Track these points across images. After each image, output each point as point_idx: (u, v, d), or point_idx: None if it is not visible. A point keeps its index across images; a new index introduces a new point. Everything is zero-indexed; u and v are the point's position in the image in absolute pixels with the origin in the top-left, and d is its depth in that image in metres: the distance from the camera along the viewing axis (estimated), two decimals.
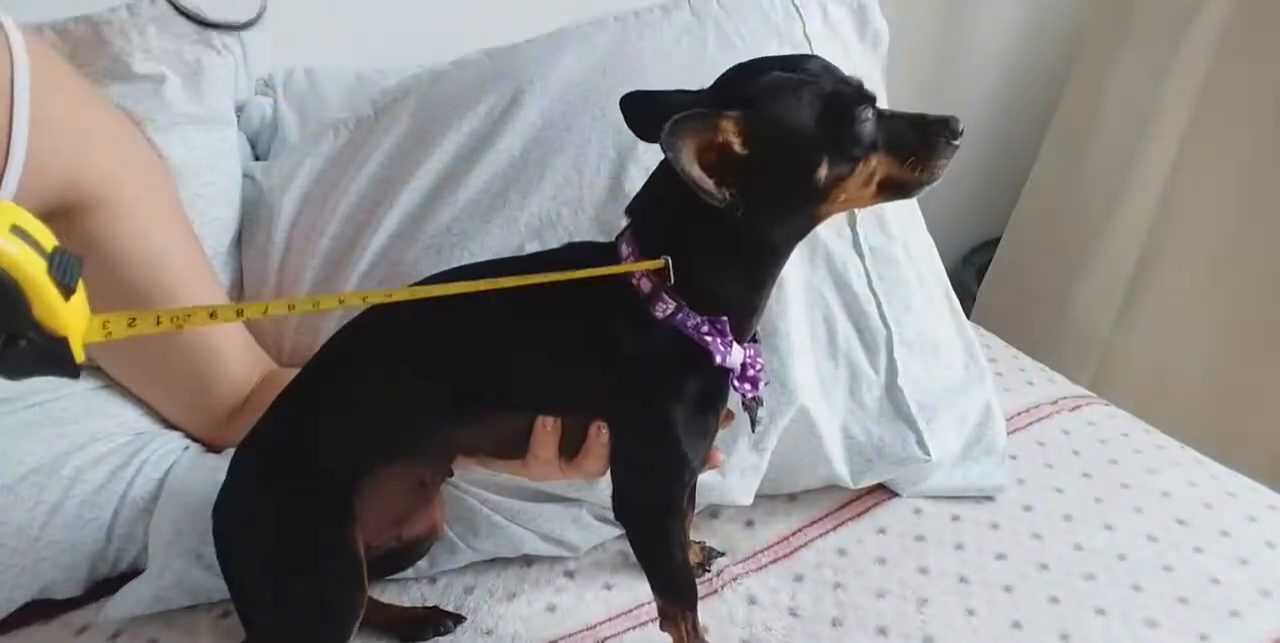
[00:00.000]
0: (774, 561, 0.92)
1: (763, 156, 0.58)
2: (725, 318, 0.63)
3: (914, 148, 0.61)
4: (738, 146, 0.57)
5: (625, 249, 0.63)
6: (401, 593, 0.86)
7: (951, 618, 0.85)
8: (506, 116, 0.90)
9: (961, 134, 0.62)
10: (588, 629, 0.83)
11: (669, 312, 0.62)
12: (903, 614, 0.86)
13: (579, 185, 0.87)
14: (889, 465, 0.96)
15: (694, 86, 0.92)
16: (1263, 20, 1.36)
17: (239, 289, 0.98)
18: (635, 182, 0.87)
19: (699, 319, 0.62)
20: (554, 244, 0.85)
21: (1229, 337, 1.48)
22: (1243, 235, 1.44)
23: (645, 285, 0.62)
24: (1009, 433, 1.07)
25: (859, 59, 1.06)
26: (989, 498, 1.01)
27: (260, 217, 0.96)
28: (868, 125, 0.60)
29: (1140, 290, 1.57)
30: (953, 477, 1.00)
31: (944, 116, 0.62)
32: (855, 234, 0.96)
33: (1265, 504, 1.03)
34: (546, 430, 0.68)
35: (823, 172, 0.59)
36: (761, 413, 0.69)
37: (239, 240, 0.97)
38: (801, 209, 0.62)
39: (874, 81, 1.06)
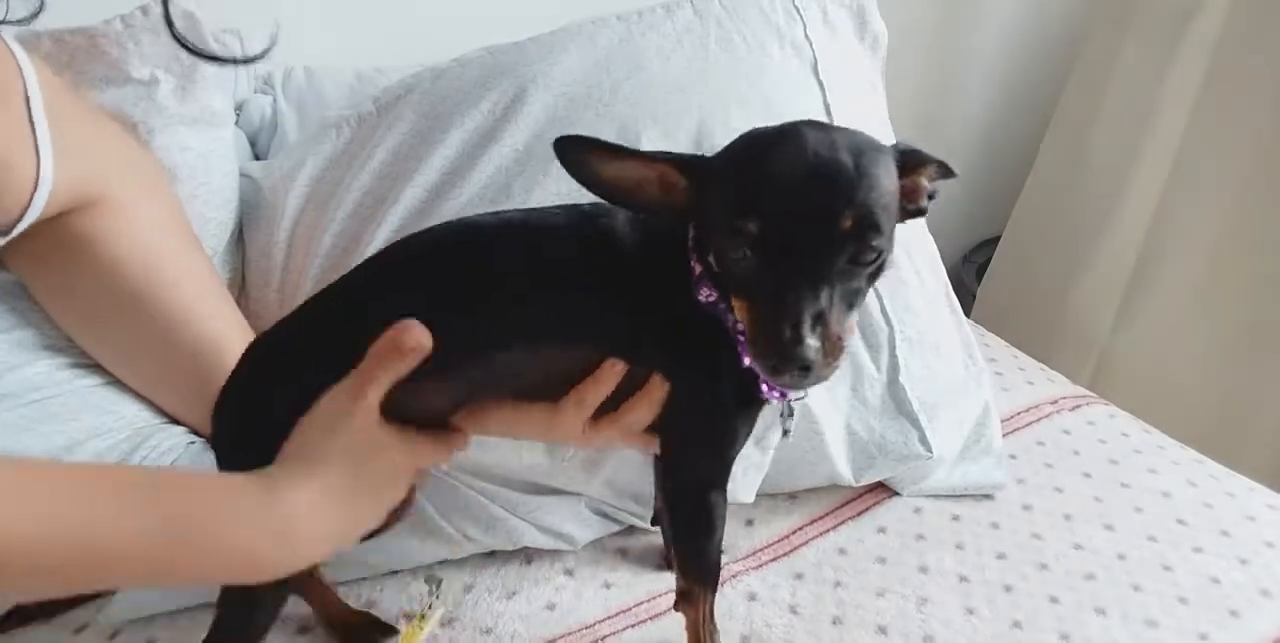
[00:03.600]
0: (774, 558, 0.92)
1: (697, 206, 0.58)
2: None
3: (757, 333, 0.53)
4: (680, 183, 0.58)
5: (689, 230, 0.63)
6: (401, 590, 0.86)
7: (951, 617, 0.85)
8: (510, 113, 0.90)
9: (805, 367, 0.50)
10: (587, 628, 0.83)
11: (712, 299, 0.61)
12: (903, 613, 0.85)
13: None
14: (891, 462, 0.96)
15: (695, 84, 0.93)
16: (1262, 20, 1.36)
17: (240, 288, 0.97)
18: None
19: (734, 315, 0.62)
20: None
21: (1229, 337, 1.48)
22: (1243, 235, 1.44)
23: (697, 270, 0.61)
24: (1009, 432, 1.08)
25: (859, 60, 1.06)
26: (989, 497, 1.01)
27: (262, 216, 0.95)
28: (738, 267, 0.54)
29: (1140, 290, 1.57)
30: (952, 475, 1.00)
31: (790, 341, 0.50)
32: None
33: (1265, 504, 1.03)
34: (615, 369, 0.65)
35: (711, 259, 0.58)
36: (790, 423, 0.69)
37: (238, 240, 0.97)
38: (712, 275, 0.59)
39: (873, 83, 1.07)
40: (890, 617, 0.85)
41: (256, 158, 1.06)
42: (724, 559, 0.90)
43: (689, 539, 0.72)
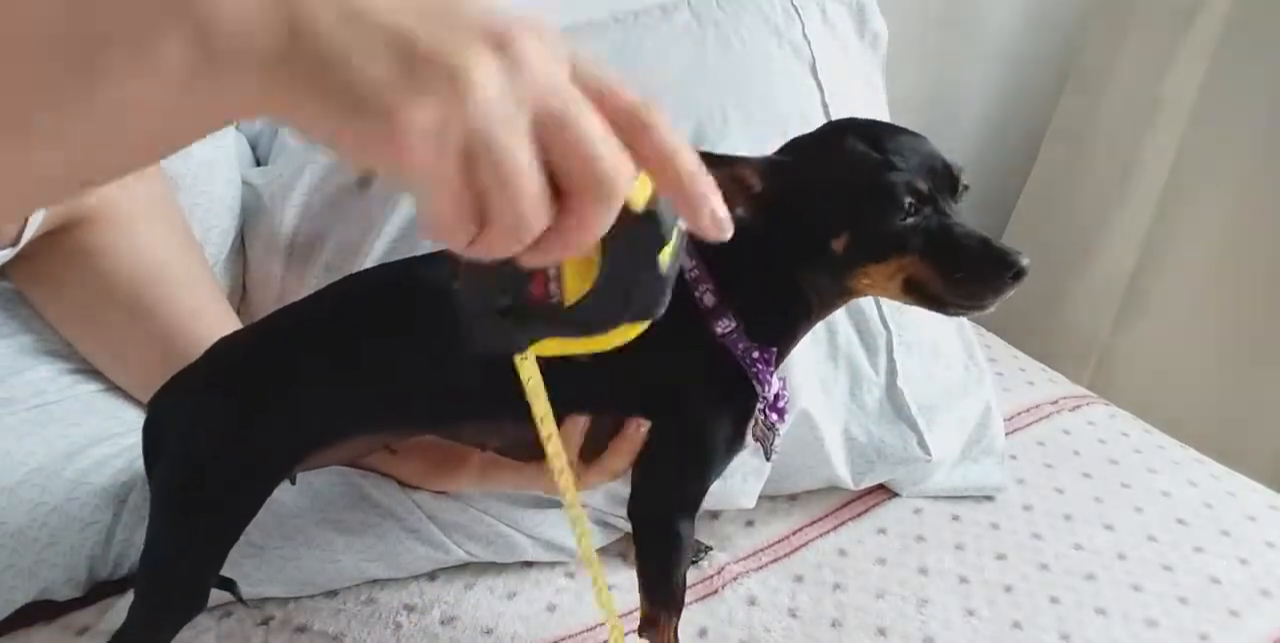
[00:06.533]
0: (774, 560, 0.92)
1: (786, 205, 0.58)
2: (774, 349, 0.63)
3: (961, 269, 0.57)
4: (756, 186, 0.58)
5: (688, 260, 0.62)
6: (400, 588, 0.86)
7: (951, 618, 0.85)
8: None
9: (1023, 278, 0.56)
10: (588, 631, 0.83)
11: (728, 330, 0.61)
12: (902, 615, 0.86)
13: None
14: (890, 466, 0.96)
15: (693, 86, 0.93)
16: (1263, 20, 1.36)
17: (240, 295, 0.98)
18: None
19: (751, 344, 0.62)
20: None
21: (1229, 337, 1.48)
22: (1243, 235, 1.44)
23: (709, 300, 0.61)
24: (1009, 433, 1.08)
25: (858, 59, 1.06)
26: (989, 498, 1.01)
27: (262, 223, 0.95)
28: (907, 223, 0.57)
29: (1140, 290, 1.57)
30: (952, 477, 1.01)
31: (1008, 251, 0.56)
32: None
33: (1265, 504, 1.03)
34: (577, 428, 0.66)
35: (839, 245, 0.58)
36: (776, 443, 0.69)
37: (240, 247, 0.97)
38: (823, 272, 0.60)
39: (873, 82, 1.07)
40: (890, 619, 0.85)
41: (258, 162, 1.06)
42: (725, 559, 0.91)
43: (656, 566, 0.71)
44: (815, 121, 0.95)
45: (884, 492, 1.01)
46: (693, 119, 0.91)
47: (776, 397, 0.65)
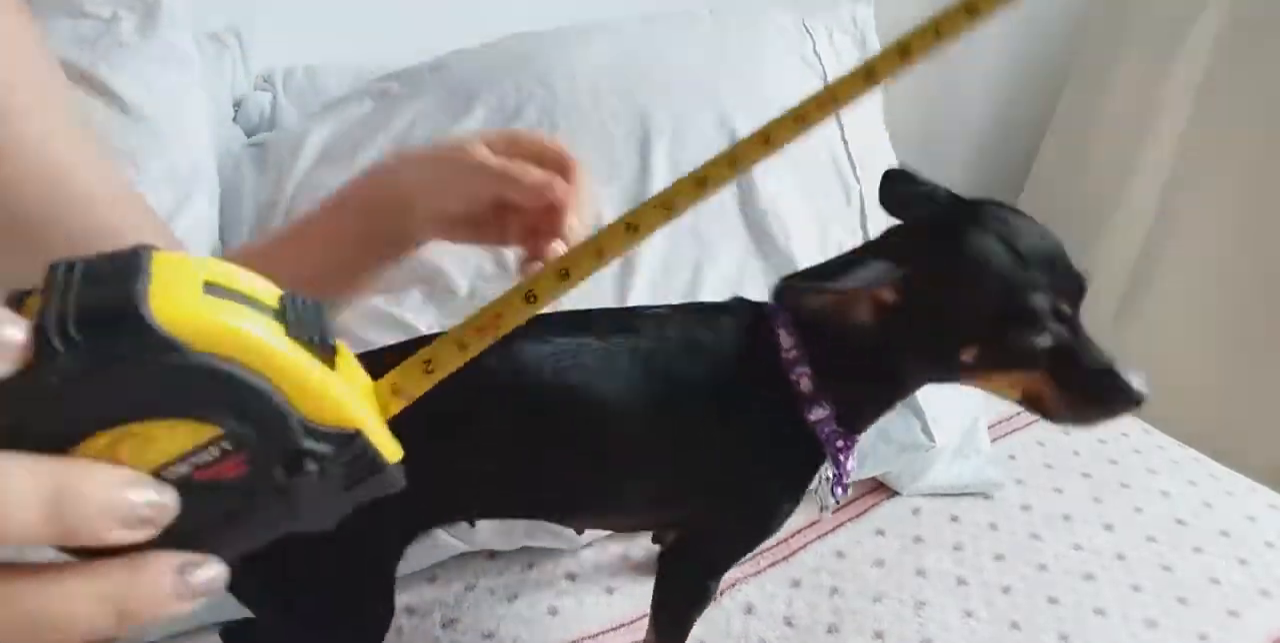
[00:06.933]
0: (773, 564, 0.91)
1: (917, 312, 0.56)
2: (856, 438, 0.62)
3: (1081, 393, 0.56)
4: (890, 299, 0.56)
5: (785, 339, 0.60)
6: (400, 590, 0.85)
7: (949, 620, 0.85)
8: (535, 94, 0.92)
9: (1138, 407, 0.55)
10: (590, 639, 0.83)
11: (823, 417, 0.60)
12: (900, 618, 0.86)
13: (609, 161, 0.91)
14: (894, 451, 0.96)
15: (712, 90, 0.96)
16: (1263, 19, 1.35)
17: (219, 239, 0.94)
18: (660, 160, 0.92)
19: (836, 430, 0.61)
20: None
21: (1229, 337, 1.48)
22: (1243, 236, 1.43)
23: (805, 385, 0.60)
24: (1009, 433, 1.08)
25: None
26: (988, 498, 1.01)
27: (271, 167, 0.93)
28: (1041, 342, 0.55)
29: (1140, 290, 1.56)
30: (950, 473, 1.01)
31: (1132, 383, 0.55)
32: (865, 232, 0.99)
33: (1265, 504, 1.03)
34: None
35: (968, 356, 0.56)
36: (838, 493, 0.68)
37: (217, 195, 0.91)
38: (942, 374, 0.60)
39: (870, 114, 1.09)
40: (888, 622, 0.85)
41: None
42: None
43: (674, 611, 0.73)
44: (831, 135, 0.99)
45: (883, 491, 1.01)
46: (715, 111, 0.95)
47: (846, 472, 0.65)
